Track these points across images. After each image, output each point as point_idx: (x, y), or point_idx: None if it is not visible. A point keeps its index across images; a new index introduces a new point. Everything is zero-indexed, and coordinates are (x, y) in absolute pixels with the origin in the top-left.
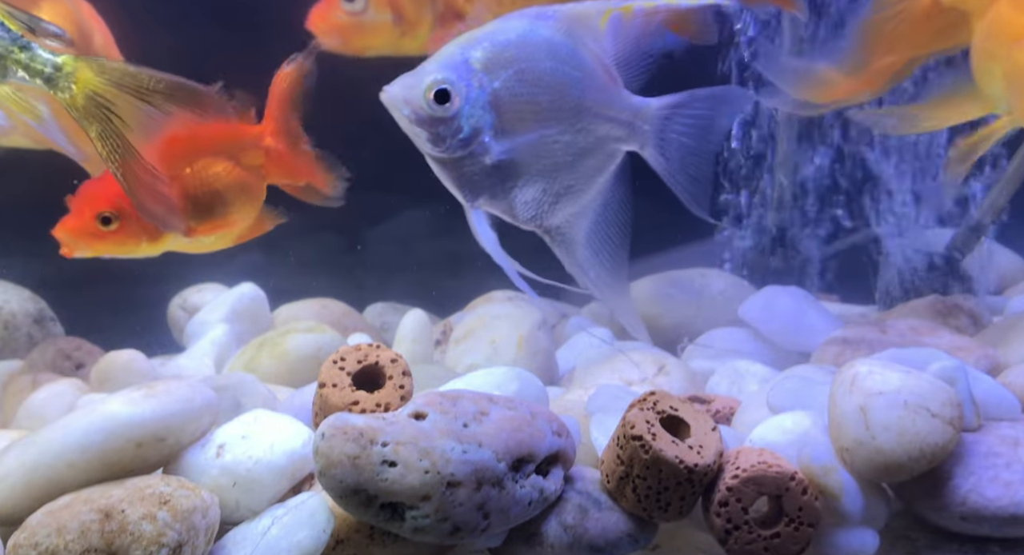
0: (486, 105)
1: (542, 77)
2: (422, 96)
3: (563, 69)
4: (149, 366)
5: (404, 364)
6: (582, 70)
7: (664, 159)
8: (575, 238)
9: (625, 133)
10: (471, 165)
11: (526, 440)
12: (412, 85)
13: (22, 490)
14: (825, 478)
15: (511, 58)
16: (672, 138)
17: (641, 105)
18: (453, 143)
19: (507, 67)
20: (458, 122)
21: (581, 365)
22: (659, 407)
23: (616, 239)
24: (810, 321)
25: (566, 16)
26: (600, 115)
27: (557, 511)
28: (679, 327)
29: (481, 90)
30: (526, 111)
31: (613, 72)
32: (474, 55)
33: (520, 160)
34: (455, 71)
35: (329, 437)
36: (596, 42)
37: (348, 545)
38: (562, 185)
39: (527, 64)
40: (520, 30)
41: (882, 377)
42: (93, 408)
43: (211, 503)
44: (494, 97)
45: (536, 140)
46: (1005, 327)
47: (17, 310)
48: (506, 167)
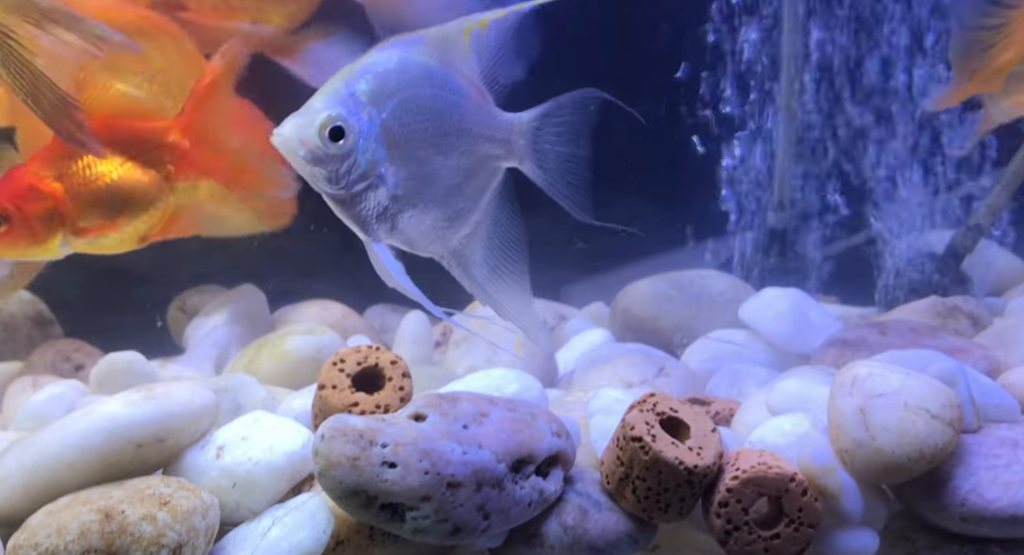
0: (378, 138)
1: (424, 104)
2: (317, 135)
3: (441, 94)
4: (149, 368)
5: (404, 366)
6: (458, 93)
7: (542, 170)
8: (471, 259)
9: (504, 150)
10: (370, 199)
11: (526, 441)
12: (305, 125)
13: (22, 491)
14: (825, 479)
15: (394, 88)
16: (546, 148)
17: (514, 120)
18: (351, 179)
19: (391, 97)
20: (355, 158)
21: (580, 367)
22: (659, 409)
23: (513, 254)
24: (810, 322)
25: (433, 41)
26: (479, 135)
27: (557, 512)
28: (678, 328)
29: (371, 123)
30: (414, 140)
31: (484, 91)
32: (359, 88)
33: (414, 189)
34: (345, 106)
35: (329, 438)
36: (464, 63)
37: (348, 546)
38: (454, 209)
39: (409, 92)
40: (397, 59)
41: (882, 378)
42: (93, 409)
43: (211, 504)
44: (384, 129)
45: (426, 167)
46: (1005, 329)
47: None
48: (402, 198)
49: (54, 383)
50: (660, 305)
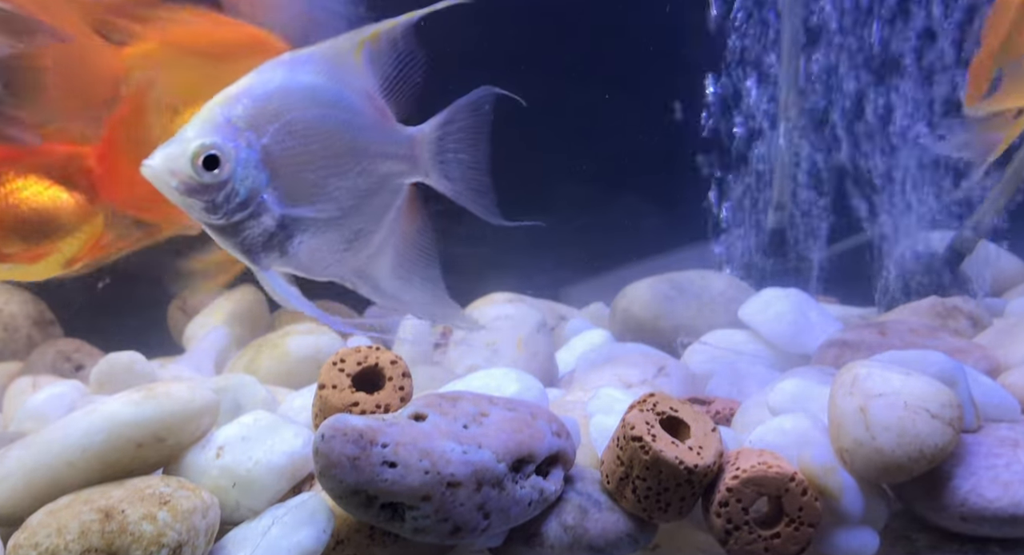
0: (258, 164)
1: (311, 126)
2: (189, 165)
3: (331, 114)
4: (149, 368)
5: (404, 366)
6: (350, 111)
7: (448, 181)
8: (378, 276)
9: (407, 166)
10: (254, 228)
11: (526, 441)
12: (176, 155)
13: (23, 490)
14: (825, 479)
15: (275, 111)
16: (449, 157)
17: (415, 134)
18: (231, 208)
19: (273, 121)
20: (232, 186)
21: (580, 366)
22: (659, 408)
23: (424, 263)
24: (810, 323)
25: (322, 58)
26: (378, 154)
27: (557, 511)
28: (678, 328)
29: (250, 149)
30: (301, 163)
31: (382, 106)
32: (236, 113)
33: (303, 214)
34: (219, 133)
35: (329, 438)
36: (358, 78)
37: (348, 545)
38: (351, 230)
39: (293, 114)
40: (279, 80)
41: (882, 378)
42: (93, 409)
43: (211, 503)
44: (265, 154)
45: (317, 191)
46: (1004, 329)
47: (17, 312)
48: (290, 223)
49: (54, 383)
50: (660, 305)
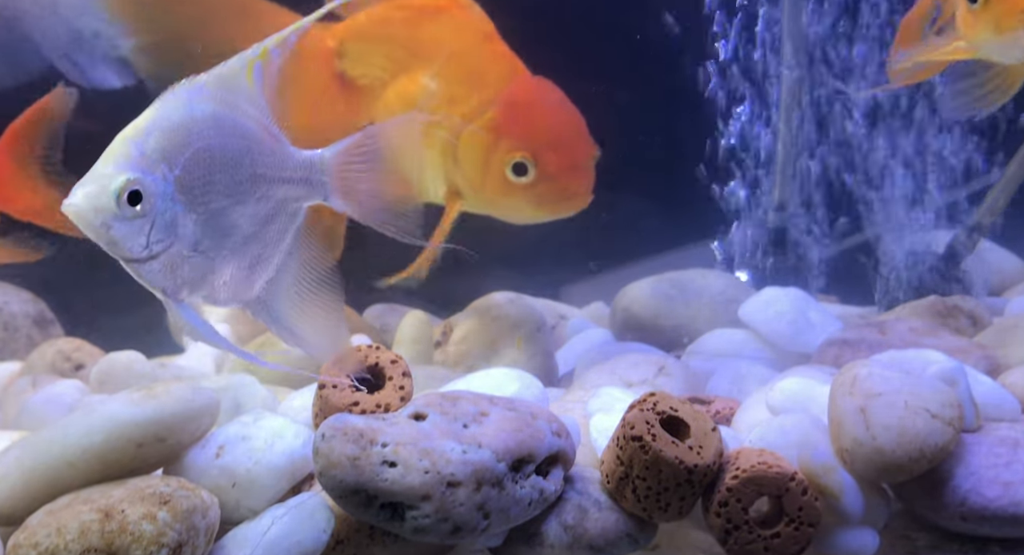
0: (174, 196)
1: (214, 155)
2: (111, 201)
3: (231, 142)
4: (149, 367)
5: (404, 365)
6: (247, 138)
7: (355, 203)
8: (276, 303)
9: (304, 191)
10: (169, 260)
11: (526, 441)
12: (98, 193)
13: (22, 490)
14: (825, 478)
15: (183, 142)
16: (357, 181)
17: (313, 159)
18: (151, 241)
19: (182, 152)
20: (152, 219)
21: (581, 366)
22: (659, 408)
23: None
24: (810, 322)
25: (216, 84)
26: (275, 179)
27: (557, 511)
28: (679, 328)
29: (166, 181)
30: (208, 193)
31: (275, 131)
32: (148, 146)
33: (212, 244)
34: (137, 168)
35: (329, 438)
36: (251, 103)
37: (348, 545)
38: (252, 257)
39: (199, 144)
40: (182, 111)
41: (882, 378)
42: (93, 409)
43: (211, 503)
44: (178, 185)
45: (223, 219)
46: (1005, 328)
47: (17, 311)
48: (201, 254)
49: (54, 383)
50: (660, 305)
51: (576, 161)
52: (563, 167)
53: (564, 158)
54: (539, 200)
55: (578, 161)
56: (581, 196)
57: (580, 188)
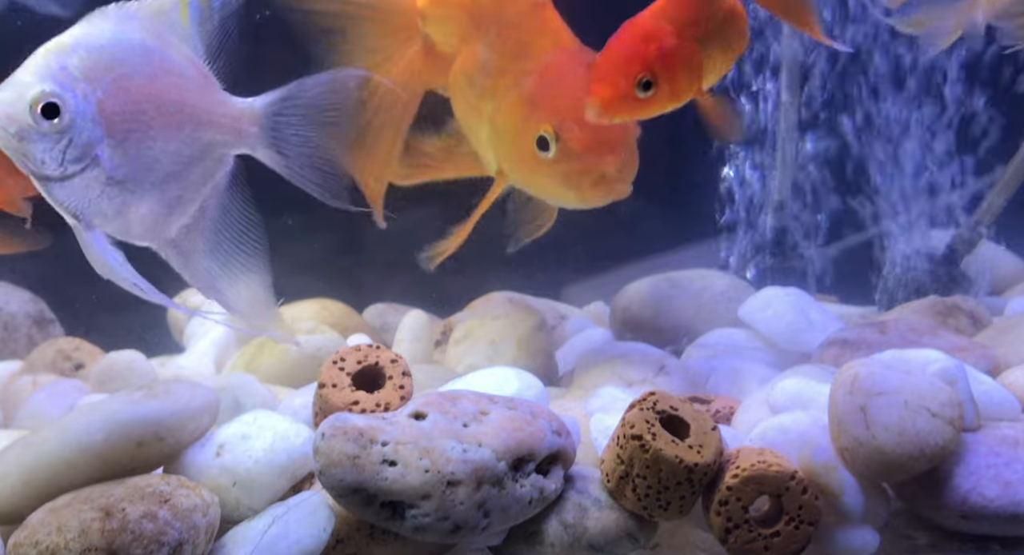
0: (95, 117)
1: (142, 84)
2: (27, 111)
3: (160, 74)
4: (149, 366)
5: (404, 364)
6: (178, 75)
7: (282, 157)
8: (193, 250)
9: (232, 137)
10: (84, 183)
11: (526, 439)
12: (13, 100)
13: (22, 489)
14: (825, 477)
15: (109, 64)
16: (288, 134)
17: (243, 107)
18: (66, 160)
19: (107, 74)
20: (70, 137)
21: (581, 365)
22: (659, 407)
23: (246, 245)
24: (810, 322)
25: (148, 15)
26: (203, 121)
27: (557, 510)
28: (679, 328)
29: (87, 101)
30: (132, 122)
31: (208, 73)
32: (71, 62)
33: (132, 175)
34: (57, 81)
35: (329, 437)
36: (184, 41)
37: (348, 544)
38: (172, 196)
39: (125, 70)
40: (111, 33)
41: (882, 377)
42: (93, 408)
43: (211, 502)
44: (100, 108)
45: (145, 151)
46: (1005, 327)
47: (17, 311)
48: (119, 182)
49: (54, 382)
50: (660, 304)
51: (604, 138)
52: (588, 144)
53: (589, 134)
54: (564, 179)
55: (607, 139)
56: (612, 179)
57: (609, 169)
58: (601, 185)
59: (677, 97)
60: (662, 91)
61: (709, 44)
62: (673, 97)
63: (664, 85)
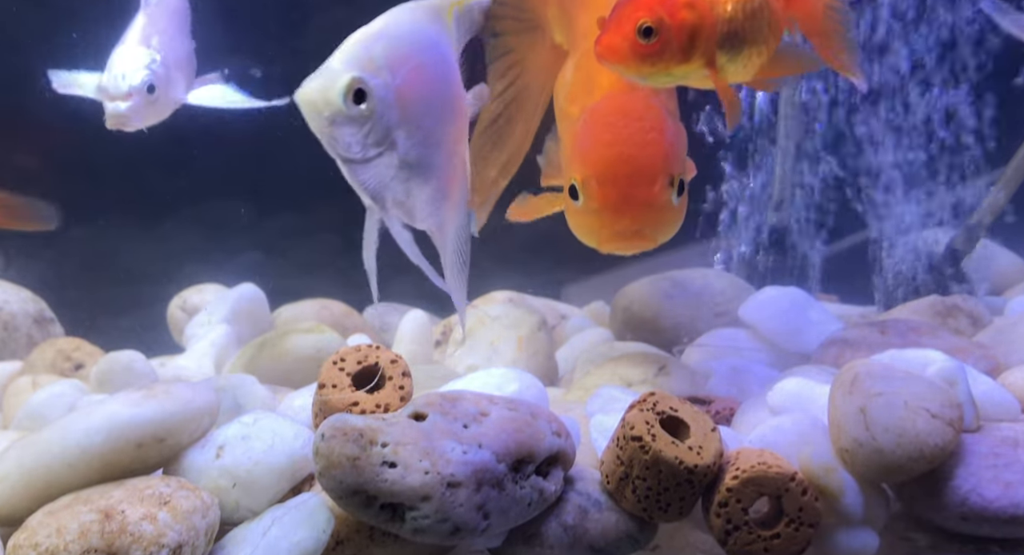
0: (394, 103)
1: (431, 72)
2: (341, 96)
3: (442, 64)
4: (149, 367)
5: (404, 365)
6: (452, 65)
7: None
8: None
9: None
10: (382, 167)
11: (526, 441)
12: (327, 86)
13: (22, 490)
14: (825, 479)
15: (407, 54)
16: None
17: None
18: (368, 144)
19: (405, 63)
20: (373, 122)
21: (581, 365)
22: (659, 408)
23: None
24: (810, 322)
25: (432, 10)
26: (463, 109)
27: (557, 512)
28: (679, 328)
29: (387, 88)
30: (423, 107)
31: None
32: (376, 51)
33: (422, 158)
34: (364, 69)
35: (329, 438)
36: (450, 35)
37: (348, 545)
38: (446, 181)
39: (420, 59)
40: (410, 25)
41: (882, 378)
42: (93, 409)
43: (211, 504)
44: (399, 94)
45: (431, 137)
46: (1005, 328)
47: (17, 311)
48: (410, 167)
49: (54, 382)
50: (660, 304)
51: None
52: (607, 201)
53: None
54: (583, 230)
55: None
56: (628, 236)
57: (623, 228)
58: (617, 241)
59: (683, 54)
60: (667, 42)
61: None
62: (680, 53)
63: (668, 35)
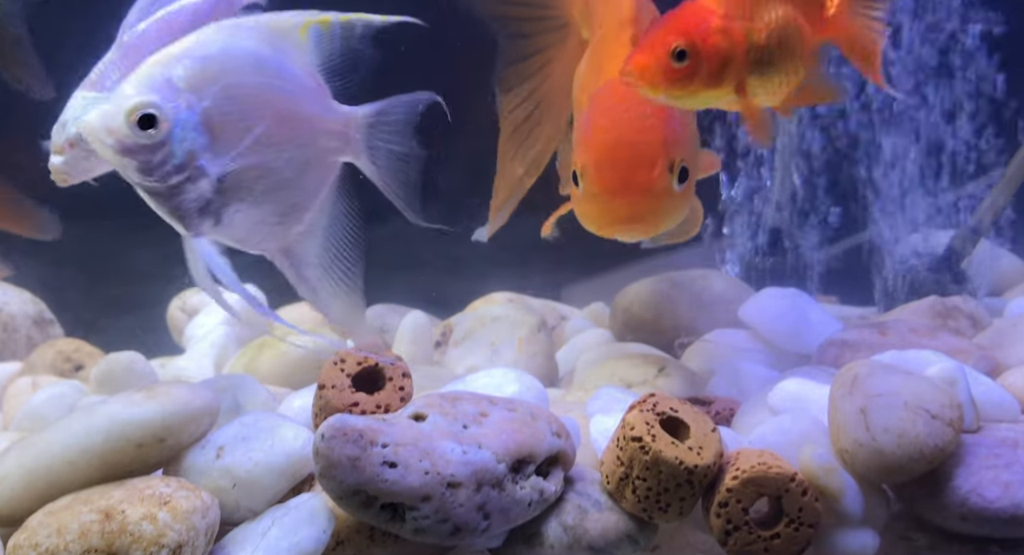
0: (197, 126)
1: (252, 92)
2: (124, 122)
3: (273, 82)
4: (149, 368)
5: (404, 366)
6: (292, 82)
7: (375, 167)
8: (304, 258)
9: (340, 143)
10: (189, 192)
11: (526, 441)
12: (112, 112)
13: (22, 491)
14: (825, 479)
15: (216, 74)
16: (380, 146)
17: (350, 114)
18: (166, 171)
19: (213, 83)
20: (169, 148)
21: (581, 366)
22: (659, 408)
23: (349, 255)
24: (810, 322)
25: (266, 27)
26: (316, 128)
27: (557, 512)
28: (679, 328)
29: (190, 111)
30: (241, 129)
31: (321, 83)
32: (176, 73)
33: (242, 182)
34: (158, 92)
35: (329, 438)
36: (301, 53)
37: (348, 546)
38: (287, 204)
39: (234, 79)
40: (221, 43)
41: (882, 379)
42: (93, 409)
43: (211, 504)
44: (205, 117)
45: (256, 159)
46: (1004, 329)
47: (17, 312)
48: (228, 191)
49: (54, 383)
50: (660, 305)
51: (627, 182)
52: (606, 186)
53: (611, 177)
54: (584, 215)
55: (630, 183)
56: (626, 221)
57: (621, 213)
58: (617, 225)
59: (715, 79)
60: (698, 66)
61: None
62: (711, 77)
63: (699, 60)
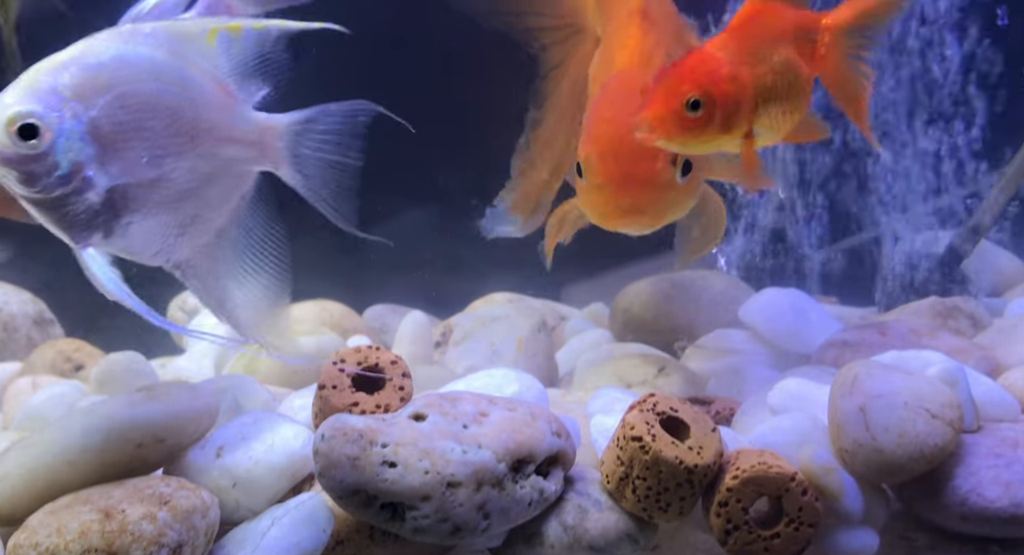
0: (84, 136)
1: (148, 100)
2: (3, 132)
3: (171, 90)
4: (149, 368)
5: (404, 365)
6: (193, 89)
7: (302, 176)
8: (211, 270)
9: (255, 153)
10: (75, 203)
11: (526, 441)
12: None
13: (22, 490)
14: (825, 479)
15: (107, 82)
16: (307, 154)
17: (269, 122)
18: (50, 182)
19: (104, 92)
20: (52, 158)
21: (581, 366)
22: (659, 408)
23: (269, 267)
24: (810, 323)
25: (166, 34)
26: (224, 137)
27: (557, 511)
28: (679, 329)
29: (76, 120)
30: (133, 139)
31: (231, 90)
32: (62, 81)
33: (134, 193)
34: (41, 101)
35: (329, 438)
36: (207, 60)
37: (348, 545)
38: (187, 215)
39: (128, 87)
40: (114, 51)
41: (882, 378)
42: (93, 409)
43: (211, 503)
44: (92, 127)
45: (151, 170)
46: (1005, 329)
47: (17, 312)
48: (118, 202)
49: (54, 383)
50: (660, 305)
51: (629, 174)
52: (609, 177)
53: (615, 168)
54: (588, 206)
55: (632, 174)
56: (629, 212)
57: (623, 204)
58: (619, 217)
59: (727, 126)
60: (711, 115)
61: (766, 90)
62: (724, 125)
63: (713, 109)
